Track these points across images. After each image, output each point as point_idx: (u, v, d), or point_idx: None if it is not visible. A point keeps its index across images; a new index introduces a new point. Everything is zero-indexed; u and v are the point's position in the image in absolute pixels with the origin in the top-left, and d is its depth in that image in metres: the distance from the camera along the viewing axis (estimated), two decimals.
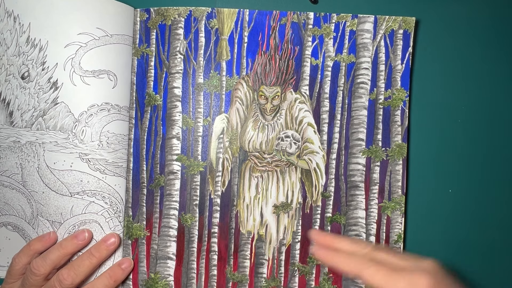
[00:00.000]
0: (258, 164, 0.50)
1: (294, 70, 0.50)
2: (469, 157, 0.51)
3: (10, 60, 0.48)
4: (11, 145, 0.49)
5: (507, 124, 0.51)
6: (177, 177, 0.50)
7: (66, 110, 0.48)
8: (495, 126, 0.51)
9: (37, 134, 0.49)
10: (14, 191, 0.49)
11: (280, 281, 0.50)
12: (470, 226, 0.51)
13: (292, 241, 0.50)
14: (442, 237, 0.47)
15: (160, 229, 0.50)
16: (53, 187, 0.49)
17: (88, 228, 0.49)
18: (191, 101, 0.50)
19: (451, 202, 0.49)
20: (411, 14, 0.51)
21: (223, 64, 0.50)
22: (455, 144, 0.51)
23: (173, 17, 0.50)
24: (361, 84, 0.50)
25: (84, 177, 0.49)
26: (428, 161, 0.49)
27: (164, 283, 0.50)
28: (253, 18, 0.50)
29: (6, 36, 0.48)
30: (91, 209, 0.49)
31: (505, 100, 0.52)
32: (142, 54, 0.50)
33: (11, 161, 0.49)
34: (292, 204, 0.50)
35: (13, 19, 0.48)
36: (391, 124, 0.50)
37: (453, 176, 0.51)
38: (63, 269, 0.46)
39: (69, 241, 0.47)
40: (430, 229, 0.51)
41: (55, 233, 0.49)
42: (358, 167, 0.50)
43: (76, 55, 0.48)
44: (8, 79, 0.49)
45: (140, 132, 0.50)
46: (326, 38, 0.50)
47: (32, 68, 0.48)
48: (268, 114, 0.50)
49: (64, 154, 0.49)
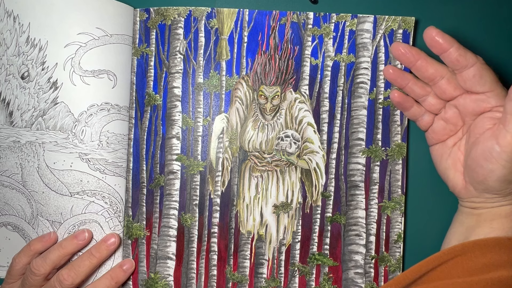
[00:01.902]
0: (258, 164, 0.50)
1: (294, 70, 0.50)
2: None
3: (10, 60, 0.48)
4: (11, 145, 0.49)
5: None
6: (177, 177, 0.50)
7: (66, 110, 0.48)
8: None
9: (37, 134, 0.49)
10: (14, 191, 0.49)
11: (280, 281, 0.50)
12: None
13: (292, 241, 0.50)
14: (442, 237, 0.47)
15: (160, 229, 0.50)
16: (53, 187, 0.49)
17: (88, 228, 0.49)
18: (191, 101, 0.50)
19: (451, 202, 0.49)
20: (411, 14, 0.51)
21: (223, 64, 0.50)
22: None
23: (173, 17, 0.50)
24: (361, 84, 0.50)
25: (84, 177, 0.49)
26: (428, 161, 0.49)
27: (164, 283, 0.50)
28: (253, 18, 0.50)
29: (6, 36, 0.48)
30: (91, 209, 0.49)
31: None
32: (142, 54, 0.50)
33: (11, 161, 0.49)
34: (292, 204, 0.50)
35: (12, 19, 0.48)
36: (390, 124, 0.50)
37: None
38: (63, 269, 0.46)
39: (69, 241, 0.47)
40: (430, 229, 0.51)
41: (55, 233, 0.49)
42: (358, 167, 0.50)
43: (75, 55, 0.48)
44: (8, 79, 0.49)
45: (140, 132, 0.50)
46: (326, 38, 0.50)
47: (32, 68, 0.48)
48: (268, 113, 0.50)
49: (64, 154, 0.48)
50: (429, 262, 0.42)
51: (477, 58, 0.40)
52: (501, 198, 0.42)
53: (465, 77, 0.41)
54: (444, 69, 0.42)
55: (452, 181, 0.45)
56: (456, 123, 0.44)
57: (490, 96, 0.41)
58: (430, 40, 0.40)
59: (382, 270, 0.50)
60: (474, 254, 0.40)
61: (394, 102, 0.46)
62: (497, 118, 0.41)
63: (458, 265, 0.40)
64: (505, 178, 0.40)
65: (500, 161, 0.39)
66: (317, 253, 0.50)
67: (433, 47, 0.41)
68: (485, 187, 0.41)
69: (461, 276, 0.40)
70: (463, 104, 0.43)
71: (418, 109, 0.46)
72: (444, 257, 0.41)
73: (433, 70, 0.42)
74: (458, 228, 0.45)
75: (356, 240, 0.50)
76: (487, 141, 0.40)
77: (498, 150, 0.39)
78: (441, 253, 0.42)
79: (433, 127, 0.46)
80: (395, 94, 0.46)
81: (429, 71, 0.42)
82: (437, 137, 0.46)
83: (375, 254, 0.50)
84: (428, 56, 0.43)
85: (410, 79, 0.45)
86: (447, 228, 0.46)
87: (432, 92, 0.45)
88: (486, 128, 0.41)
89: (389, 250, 0.50)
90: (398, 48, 0.43)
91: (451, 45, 0.40)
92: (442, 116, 0.45)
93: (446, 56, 0.40)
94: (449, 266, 0.41)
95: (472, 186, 0.43)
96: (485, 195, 0.42)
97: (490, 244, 0.40)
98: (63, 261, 0.47)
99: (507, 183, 0.40)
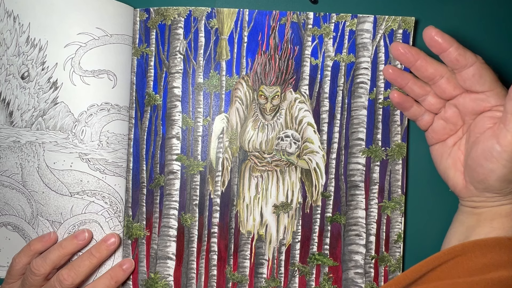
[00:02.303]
0: (258, 164, 0.50)
1: (294, 70, 0.50)
2: None
3: (10, 60, 0.48)
4: (11, 145, 0.49)
5: None
6: (177, 177, 0.50)
7: (66, 110, 0.48)
8: None
9: (37, 134, 0.49)
10: (14, 191, 0.49)
11: (280, 281, 0.50)
12: None
13: (292, 241, 0.50)
14: (442, 237, 0.47)
15: (160, 229, 0.50)
16: (53, 187, 0.49)
17: (88, 228, 0.49)
18: (191, 101, 0.50)
19: (451, 202, 0.49)
20: (411, 14, 0.51)
21: (223, 64, 0.50)
22: None
23: (173, 17, 0.50)
24: (361, 84, 0.50)
25: (84, 177, 0.49)
26: (428, 161, 0.49)
27: (164, 283, 0.50)
28: (253, 18, 0.50)
29: (6, 36, 0.48)
30: (91, 209, 0.49)
31: None
32: (142, 54, 0.50)
33: (11, 161, 0.49)
34: (292, 204, 0.50)
35: (12, 19, 0.48)
36: (390, 123, 0.50)
37: None
38: (63, 269, 0.46)
39: (69, 241, 0.47)
40: (430, 229, 0.51)
41: (55, 233, 0.49)
42: (358, 167, 0.50)
43: (76, 55, 0.48)
44: (8, 79, 0.49)
45: (140, 132, 0.50)
46: (326, 38, 0.50)
47: (32, 68, 0.48)
48: (268, 113, 0.50)
49: (64, 154, 0.49)
50: (429, 262, 0.42)
51: (477, 58, 0.40)
52: (502, 197, 0.42)
53: (464, 77, 0.41)
54: (443, 68, 0.42)
55: (452, 181, 0.45)
56: (456, 123, 0.44)
57: (490, 95, 0.41)
58: (430, 39, 0.40)
59: (382, 270, 0.50)
60: (474, 254, 0.40)
61: (394, 102, 0.46)
62: (497, 118, 0.41)
63: (459, 265, 0.40)
64: (505, 178, 0.40)
65: (501, 160, 0.39)
66: (317, 253, 0.50)
67: (432, 46, 0.41)
68: (485, 186, 0.41)
69: (462, 276, 0.39)
70: (463, 104, 0.43)
71: (418, 109, 0.46)
72: (444, 257, 0.41)
73: (433, 70, 0.42)
74: (459, 228, 0.45)
75: (356, 240, 0.50)
76: (488, 140, 0.40)
77: (498, 150, 0.39)
78: (441, 253, 0.42)
79: (433, 126, 0.46)
80: (394, 94, 0.46)
81: (429, 71, 0.42)
82: (437, 137, 0.46)
83: (375, 254, 0.50)
84: (428, 55, 0.43)
85: (410, 78, 0.45)
86: (447, 228, 0.46)
87: (431, 91, 0.45)
88: (486, 127, 0.41)
89: (389, 250, 0.50)
90: (398, 48, 0.43)
91: (451, 45, 0.40)
92: (442, 115, 0.45)
93: (446, 56, 0.41)
94: (450, 266, 0.41)
95: (473, 186, 0.43)
96: (486, 194, 0.42)
97: (490, 244, 0.40)
98: (63, 261, 0.47)
99: (507, 182, 0.40)
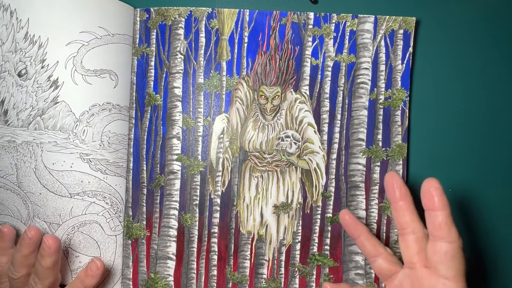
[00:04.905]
0: (258, 164, 0.50)
1: (294, 70, 0.50)
2: (469, 157, 0.52)
3: (5, 57, 0.47)
4: (5, 145, 0.48)
5: (507, 124, 0.52)
6: (177, 177, 0.50)
7: (66, 110, 0.48)
8: (495, 126, 0.52)
9: (34, 133, 0.48)
10: (8, 191, 0.48)
11: (280, 282, 0.50)
12: (470, 225, 0.52)
13: (293, 241, 0.50)
14: None
15: (160, 229, 0.50)
16: (51, 188, 0.48)
17: (34, 226, 0.44)
18: (191, 101, 0.50)
19: (450, 202, 0.49)
20: (411, 14, 0.51)
21: (223, 64, 0.50)
22: (455, 144, 0.51)
23: (174, 17, 0.50)
24: (361, 84, 0.50)
25: (84, 178, 0.48)
26: (428, 161, 0.49)
27: (164, 283, 0.50)
28: (253, 18, 0.50)
29: (1, 31, 0.47)
30: (92, 210, 0.49)
31: (505, 100, 0.52)
32: (142, 54, 0.50)
33: (5, 161, 0.48)
34: (292, 204, 0.50)
35: (9, 14, 0.47)
36: (391, 124, 0.50)
37: (452, 176, 0.52)
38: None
39: (20, 241, 0.44)
40: None
41: (6, 225, 0.46)
42: (359, 167, 0.50)
43: (78, 53, 0.47)
44: (2, 76, 0.47)
45: (140, 132, 0.50)
46: (326, 38, 0.50)
47: (30, 66, 0.47)
48: (268, 114, 0.50)
49: (64, 155, 0.48)
50: None
51: (459, 239, 0.38)
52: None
53: (436, 249, 0.38)
54: (420, 227, 0.40)
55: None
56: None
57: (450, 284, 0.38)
58: (427, 192, 0.39)
59: None
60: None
61: (342, 223, 0.44)
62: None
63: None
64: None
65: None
66: (318, 253, 0.50)
67: (425, 198, 0.39)
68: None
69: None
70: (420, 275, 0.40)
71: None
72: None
73: (409, 219, 0.40)
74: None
75: None
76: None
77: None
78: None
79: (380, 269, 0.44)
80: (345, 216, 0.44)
81: (405, 218, 0.40)
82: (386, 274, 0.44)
83: None
84: (412, 204, 0.41)
85: (363, 233, 0.43)
86: None
87: (385, 254, 0.43)
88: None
89: None
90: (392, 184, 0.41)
91: (443, 209, 0.38)
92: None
93: (432, 216, 0.38)
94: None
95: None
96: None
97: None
98: (28, 261, 0.44)
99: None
